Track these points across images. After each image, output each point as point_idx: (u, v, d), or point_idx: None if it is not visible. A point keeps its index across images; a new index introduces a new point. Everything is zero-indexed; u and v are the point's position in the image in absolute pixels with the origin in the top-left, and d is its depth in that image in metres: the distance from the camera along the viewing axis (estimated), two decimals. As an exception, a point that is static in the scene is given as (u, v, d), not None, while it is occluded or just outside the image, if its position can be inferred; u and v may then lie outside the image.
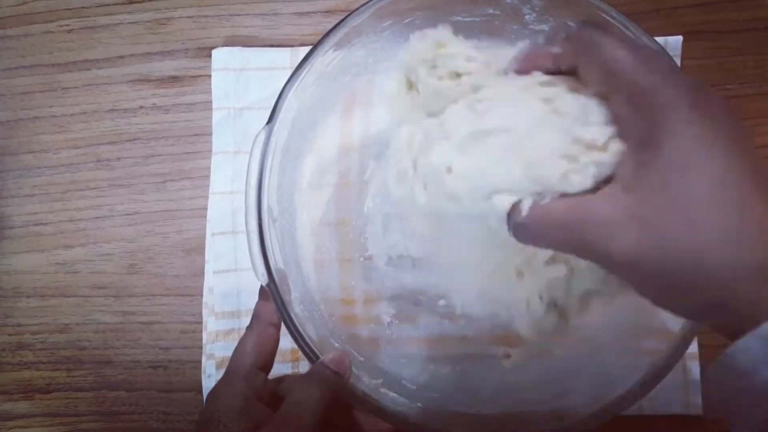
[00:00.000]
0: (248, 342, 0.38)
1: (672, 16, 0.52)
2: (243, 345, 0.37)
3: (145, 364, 0.50)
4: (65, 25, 0.54)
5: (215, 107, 0.51)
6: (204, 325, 0.49)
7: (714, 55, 0.53)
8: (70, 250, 0.51)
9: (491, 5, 0.45)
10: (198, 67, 0.53)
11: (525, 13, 0.45)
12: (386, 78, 0.49)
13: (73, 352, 0.50)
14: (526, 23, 0.45)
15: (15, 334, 0.51)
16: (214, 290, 0.49)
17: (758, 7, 0.53)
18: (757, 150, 0.52)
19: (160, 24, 0.53)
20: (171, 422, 0.50)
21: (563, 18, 0.44)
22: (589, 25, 0.33)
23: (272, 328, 0.39)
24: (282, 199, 0.43)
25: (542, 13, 0.44)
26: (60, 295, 0.51)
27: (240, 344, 0.38)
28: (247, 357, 0.37)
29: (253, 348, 0.37)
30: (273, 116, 0.40)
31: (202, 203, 0.51)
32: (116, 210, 0.52)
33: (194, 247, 0.51)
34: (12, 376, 0.50)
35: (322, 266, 0.48)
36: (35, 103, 0.53)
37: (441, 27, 0.35)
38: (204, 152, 0.52)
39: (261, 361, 0.37)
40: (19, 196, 0.52)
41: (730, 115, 0.25)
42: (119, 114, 0.53)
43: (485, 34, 0.48)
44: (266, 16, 0.53)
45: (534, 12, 0.44)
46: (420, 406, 0.41)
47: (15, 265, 0.51)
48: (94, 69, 0.53)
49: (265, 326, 0.38)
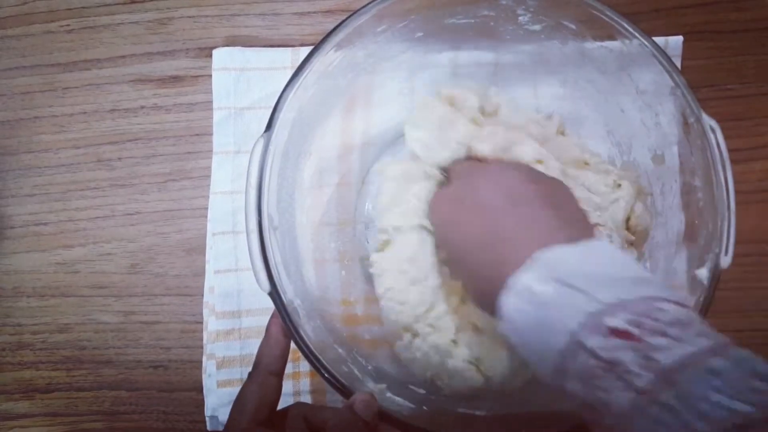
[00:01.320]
0: (248, 394, 0.36)
1: (672, 17, 0.53)
2: (243, 397, 0.36)
3: (146, 364, 0.50)
4: (66, 25, 0.54)
5: (216, 107, 0.51)
6: (205, 324, 0.49)
7: (714, 55, 0.53)
8: (70, 250, 0.52)
9: (486, 6, 0.45)
10: (199, 67, 0.53)
11: (519, 14, 0.45)
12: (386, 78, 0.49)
13: (74, 351, 0.50)
14: (521, 24, 0.46)
15: (15, 333, 0.51)
16: (215, 290, 0.49)
17: (758, 7, 0.53)
18: (757, 150, 0.52)
19: (160, 24, 0.54)
20: (171, 422, 0.50)
21: (557, 18, 0.44)
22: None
23: (273, 377, 0.37)
24: (282, 200, 0.43)
25: (536, 14, 0.45)
26: (60, 295, 0.51)
27: (240, 396, 0.36)
28: (246, 413, 0.35)
29: (253, 401, 0.36)
30: (271, 123, 0.40)
31: (203, 203, 0.51)
32: (117, 210, 0.52)
33: (195, 247, 0.51)
34: (12, 375, 0.50)
35: (322, 266, 0.48)
36: (36, 103, 0.53)
37: None
38: (205, 152, 0.52)
39: (261, 416, 0.35)
40: (19, 196, 0.52)
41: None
42: (120, 114, 0.53)
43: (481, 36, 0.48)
44: (267, 17, 0.53)
45: (528, 13, 0.45)
46: (426, 410, 0.41)
47: (15, 264, 0.51)
48: (95, 69, 0.53)
49: (266, 376, 0.37)
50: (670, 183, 0.44)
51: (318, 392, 0.48)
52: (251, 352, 0.48)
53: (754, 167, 0.52)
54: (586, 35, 0.44)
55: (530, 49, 0.48)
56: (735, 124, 0.52)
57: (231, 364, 0.48)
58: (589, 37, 0.44)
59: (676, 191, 0.44)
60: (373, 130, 0.50)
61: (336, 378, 0.38)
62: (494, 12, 0.45)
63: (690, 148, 0.42)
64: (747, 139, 0.52)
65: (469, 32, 0.48)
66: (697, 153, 0.41)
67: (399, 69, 0.49)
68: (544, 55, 0.48)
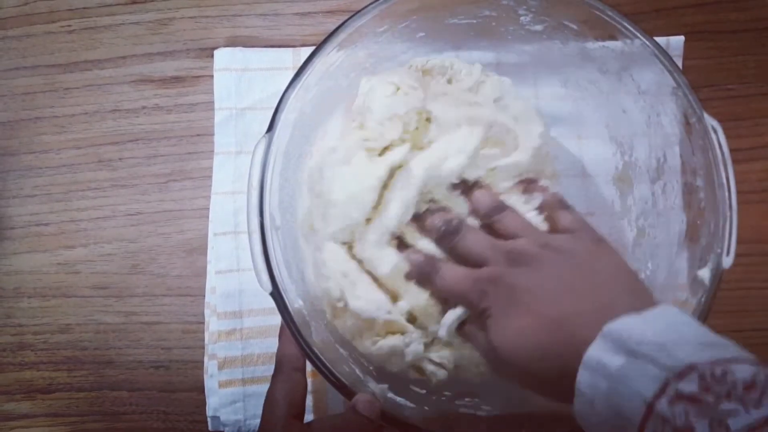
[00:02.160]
0: (278, 392, 0.37)
1: (672, 17, 0.53)
2: (273, 396, 0.37)
3: (147, 365, 0.50)
4: (67, 25, 0.54)
5: (217, 107, 0.51)
6: (206, 325, 0.49)
7: (714, 55, 0.53)
8: (71, 250, 0.51)
9: (488, 6, 0.45)
10: (200, 68, 0.53)
11: (521, 14, 0.45)
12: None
13: (75, 352, 0.50)
14: (522, 24, 0.46)
15: (16, 334, 0.51)
16: (216, 290, 0.49)
17: (759, 7, 0.53)
18: (758, 150, 0.52)
19: (161, 24, 0.54)
20: (172, 422, 0.50)
21: (559, 19, 0.44)
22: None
23: (298, 373, 0.38)
24: (283, 201, 0.43)
25: (538, 14, 0.45)
26: (61, 296, 0.51)
27: (269, 395, 0.37)
28: (279, 409, 0.36)
29: (284, 398, 0.36)
30: (273, 124, 0.40)
31: (204, 203, 0.51)
32: (118, 210, 0.52)
33: (196, 248, 0.51)
34: (13, 376, 0.50)
35: (323, 266, 0.47)
36: (37, 104, 0.53)
37: None
38: (206, 152, 0.52)
39: (294, 410, 0.36)
40: (20, 197, 0.52)
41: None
42: (121, 114, 0.53)
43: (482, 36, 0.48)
44: (268, 17, 0.53)
45: (530, 13, 0.45)
46: (427, 410, 0.41)
47: (16, 265, 0.51)
48: (96, 69, 0.53)
49: (291, 373, 0.38)
50: (672, 183, 0.44)
51: (319, 392, 0.48)
52: (253, 353, 0.48)
53: (754, 167, 0.52)
54: (587, 35, 0.44)
55: (531, 49, 0.48)
56: (735, 124, 0.52)
57: (232, 365, 0.48)
58: (591, 37, 0.44)
59: (677, 191, 0.44)
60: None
61: (338, 378, 0.38)
62: (496, 12, 0.45)
63: (692, 149, 0.42)
64: (747, 139, 0.52)
65: (470, 32, 0.48)
66: (699, 153, 0.41)
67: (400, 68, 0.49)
68: (546, 55, 0.48)
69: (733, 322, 0.49)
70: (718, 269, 0.38)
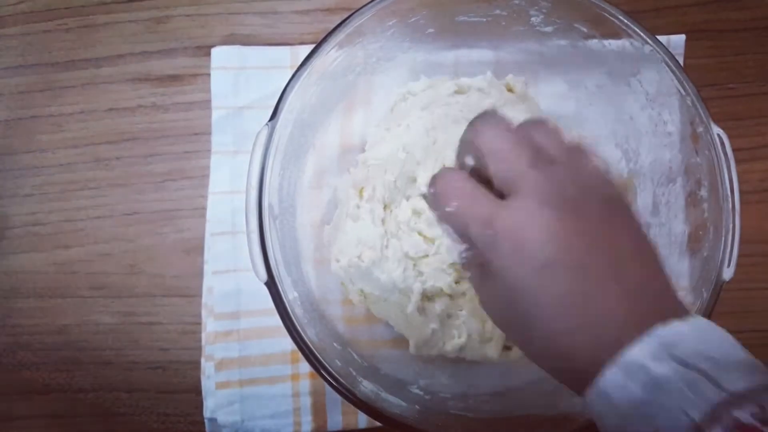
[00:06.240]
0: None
1: (673, 15, 0.52)
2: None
3: (145, 365, 0.50)
4: (64, 24, 0.53)
5: (214, 106, 0.51)
6: (203, 325, 0.49)
7: (715, 54, 0.53)
8: (68, 250, 0.51)
9: (498, 6, 0.45)
10: (197, 66, 0.53)
11: (531, 14, 0.44)
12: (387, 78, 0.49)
13: (72, 353, 0.50)
14: (532, 25, 0.45)
15: (13, 334, 0.50)
16: (214, 291, 0.49)
17: (759, 6, 0.53)
18: (758, 150, 0.52)
19: (159, 23, 0.53)
20: (170, 423, 0.49)
21: (569, 20, 0.44)
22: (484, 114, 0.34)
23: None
24: (283, 199, 0.43)
25: (549, 15, 0.44)
26: (59, 296, 0.51)
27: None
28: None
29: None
30: (276, 113, 0.40)
31: (202, 203, 0.51)
32: (115, 210, 0.52)
33: (194, 247, 0.51)
34: (11, 377, 0.50)
35: (322, 266, 0.47)
36: (34, 103, 0.53)
37: None
38: (203, 151, 0.51)
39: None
40: (17, 196, 0.52)
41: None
42: (118, 113, 0.52)
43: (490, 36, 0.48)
44: (265, 15, 0.53)
45: (541, 14, 0.44)
46: (419, 409, 0.41)
47: (13, 265, 0.51)
48: (93, 68, 0.53)
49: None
50: (675, 191, 0.44)
51: (318, 393, 0.48)
52: (250, 354, 0.48)
53: (755, 167, 0.51)
54: (597, 38, 0.44)
55: (537, 50, 0.48)
56: (736, 124, 0.51)
57: (230, 366, 0.48)
58: (600, 40, 0.44)
59: (680, 200, 0.44)
60: (373, 130, 0.50)
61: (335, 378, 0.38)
62: (506, 12, 0.45)
63: (697, 157, 0.41)
64: (748, 139, 0.52)
65: (478, 31, 0.47)
66: (704, 162, 0.40)
67: (400, 68, 0.49)
68: (553, 57, 0.47)
69: (734, 322, 0.48)
70: (719, 281, 0.38)
